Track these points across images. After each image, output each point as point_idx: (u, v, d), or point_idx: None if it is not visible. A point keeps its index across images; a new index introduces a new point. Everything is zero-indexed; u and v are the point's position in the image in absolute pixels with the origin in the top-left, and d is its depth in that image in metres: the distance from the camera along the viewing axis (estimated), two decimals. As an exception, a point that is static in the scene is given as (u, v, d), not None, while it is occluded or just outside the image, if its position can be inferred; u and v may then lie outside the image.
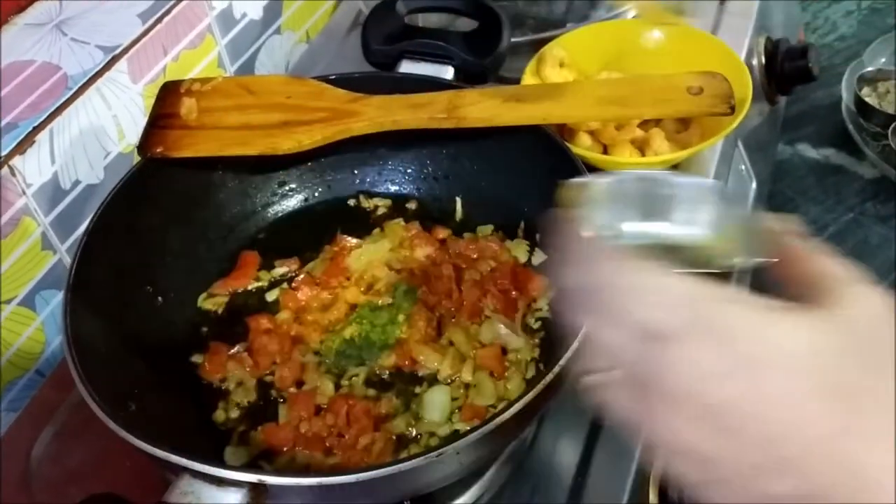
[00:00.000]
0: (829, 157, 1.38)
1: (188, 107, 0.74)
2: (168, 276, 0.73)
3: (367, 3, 1.02)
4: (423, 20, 0.96)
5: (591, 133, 0.87)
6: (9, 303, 0.78)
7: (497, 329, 0.70)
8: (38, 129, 0.77)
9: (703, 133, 0.86)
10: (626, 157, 0.85)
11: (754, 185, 1.09)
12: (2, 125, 0.76)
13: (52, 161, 0.79)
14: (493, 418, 0.53)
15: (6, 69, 0.78)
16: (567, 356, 0.55)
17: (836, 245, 0.42)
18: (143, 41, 0.87)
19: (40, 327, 0.82)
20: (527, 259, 0.75)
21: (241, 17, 1.03)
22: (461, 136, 0.74)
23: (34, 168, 0.77)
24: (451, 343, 0.70)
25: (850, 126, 1.34)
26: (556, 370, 0.55)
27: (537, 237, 0.75)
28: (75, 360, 0.57)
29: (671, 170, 0.89)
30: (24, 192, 0.77)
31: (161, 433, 0.54)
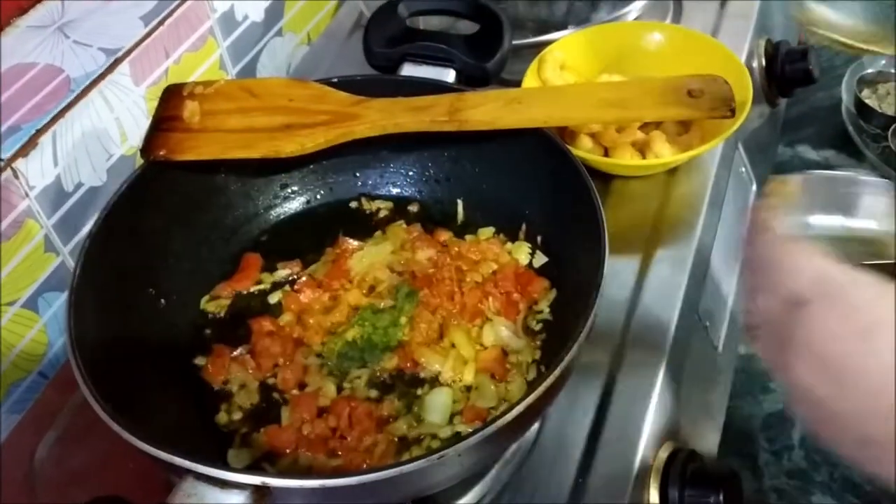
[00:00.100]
0: (829, 159, 1.37)
1: (191, 110, 0.74)
2: (171, 279, 0.73)
3: (369, 5, 1.03)
4: (424, 23, 0.96)
5: (592, 135, 0.87)
6: (11, 305, 0.79)
7: (498, 331, 0.70)
8: (40, 132, 0.78)
9: (704, 135, 0.86)
10: (627, 160, 0.86)
11: (755, 188, 1.09)
12: (5, 128, 0.76)
13: (55, 163, 0.80)
14: (494, 420, 0.53)
15: (9, 72, 0.78)
16: (568, 358, 0.56)
17: (836, 245, 0.48)
18: (145, 43, 0.88)
19: (43, 329, 0.83)
20: (528, 261, 0.75)
21: (243, 19, 1.03)
22: (463, 138, 0.75)
23: (37, 170, 0.78)
24: (453, 345, 0.70)
25: (851, 128, 1.34)
26: (557, 372, 0.55)
27: (538, 239, 0.75)
28: (79, 363, 0.57)
29: (670, 172, 0.89)
30: (26, 195, 0.77)
31: (164, 435, 0.54)
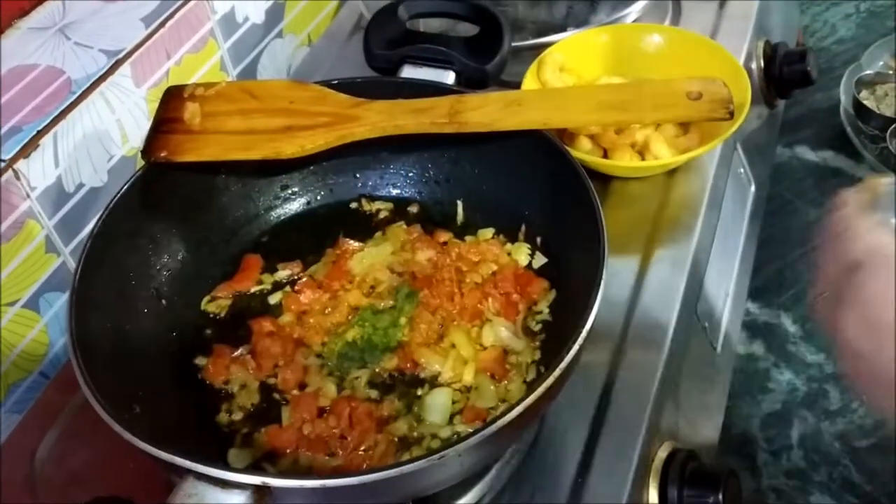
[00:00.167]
0: (827, 160, 1.38)
1: (192, 111, 0.75)
2: (171, 279, 0.74)
3: (369, 7, 1.03)
4: (424, 25, 0.96)
5: (592, 137, 0.88)
6: (12, 305, 0.79)
7: (498, 332, 0.71)
8: (42, 133, 0.78)
9: (703, 137, 0.87)
10: (626, 162, 0.86)
11: (753, 188, 1.10)
12: (6, 129, 0.76)
13: (56, 164, 0.80)
14: (494, 420, 0.53)
15: (10, 73, 0.78)
16: (567, 359, 0.56)
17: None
18: (146, 45, 0.88)
19: (44, 329, 0.83)
20: (528, 262, 0.75)
21: (244, 21, 1.03)
22: (462, 140, 0.75)
23: (38, 171, 0.78)
24: (453, 346, 0.70)
25: (849, 129, 1.34)
26: (556, 373, 0.55)
27: (538, 240, 0.76)
28: (80, 363, 0.58)
29: (669, 173, 0.89)
30: (28, 196, 0.78)
31: (165, 435, 0.55)
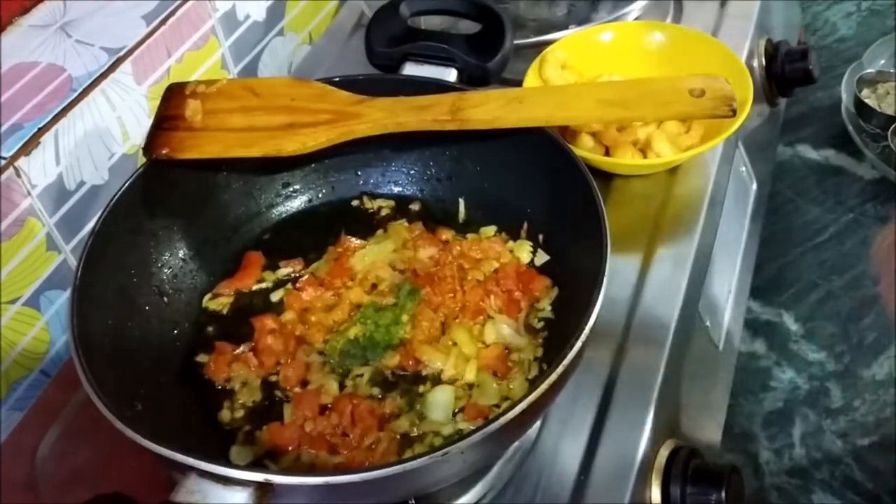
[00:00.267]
0: (828, 159, 1.38)
1: (193, 109, 0.75)
2: (173, 277, 0.74)
3: (370, 5, 1.03)
4: (425, 23, 0.96)
5: (594, 135, 0.88)
6: (13, 303, 0.79)
7: (500, 329, 0.70)
8: (43, 131, 0.78)
9: (705, 135, 0.87)
10: (628, 159, 0.86)
11: (755, 186, 1.10)
12: (7, 127, 0.76)
13: (57, 162, 0.80)
14: (496, 418, 0.53)
15: (11, 71, 0.78)
16: (570, 356, 0.56)
17: (836, 245, 0.45)
18: (147, 43, 0.88)
19: (45, 327, 0.83)
20: (530, 260, 0.75)
21: (245, 19, 1.03)
22: (464, 137, 0.75)
23: (39, 169, 0.78)
24: (455, 343, 0.70)
25: (850, 127, 1.34)
26: (559, 370, 0.55)
27: (540, 238, 0.76)
28: (82, 361, 0.58)
29: (671, 171, 0.89)
30: (29, 193, 0.77)
31: (167, 433, 0.54)
